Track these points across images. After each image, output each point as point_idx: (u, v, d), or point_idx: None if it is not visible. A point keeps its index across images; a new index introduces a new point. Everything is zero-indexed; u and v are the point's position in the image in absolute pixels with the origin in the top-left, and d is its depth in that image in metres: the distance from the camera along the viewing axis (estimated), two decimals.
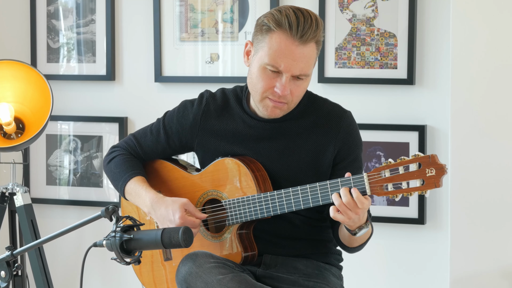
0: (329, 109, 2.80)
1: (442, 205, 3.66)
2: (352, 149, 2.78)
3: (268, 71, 2.66)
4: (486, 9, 3.31)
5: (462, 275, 3.36)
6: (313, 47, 2.66)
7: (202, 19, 3.94)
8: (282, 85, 2.65)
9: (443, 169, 2.47)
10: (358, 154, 2.80)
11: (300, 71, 2.65)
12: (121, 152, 2.93)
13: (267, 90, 2.68)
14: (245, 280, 2.57)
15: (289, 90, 2.66)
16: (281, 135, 2.77)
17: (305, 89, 2.72)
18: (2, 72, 3.75)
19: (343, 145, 2.76)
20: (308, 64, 2.66)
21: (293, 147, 2.76)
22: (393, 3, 3.67)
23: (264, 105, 2.72)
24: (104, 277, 4.20)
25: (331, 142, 2.75)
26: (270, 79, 2.67)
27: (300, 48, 2.63)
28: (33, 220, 3.79)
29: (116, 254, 2.38)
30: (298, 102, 2.76)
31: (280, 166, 2.76)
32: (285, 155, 2.76)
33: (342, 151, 2.76)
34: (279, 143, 2.77)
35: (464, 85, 3.35)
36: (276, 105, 2.69)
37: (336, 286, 2.80)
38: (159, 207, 2.74)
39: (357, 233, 2.63)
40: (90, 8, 4.10)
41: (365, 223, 2.61)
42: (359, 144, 2.81)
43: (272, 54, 2.64)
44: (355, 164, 2.78)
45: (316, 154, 2.75)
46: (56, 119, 4.16)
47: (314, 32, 2.63)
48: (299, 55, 2.63)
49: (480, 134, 3.33)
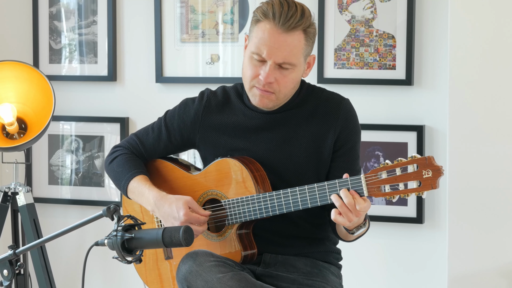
0: (328, 96, 2.81)
1: (440, 205, 3.66)
2: (351, 135, 2.78)
3: (254, 59, 2.69)
4: (484, 10, 3.31)
5: (460, 274, 3.37)
6: (299, 36, 2.66)
7: (203, 20, 3.94)
8: (265, 72, 2.66)
9: (440, 170, 2.47)
10: (356, 142, 2.80)
11: (283, 59, 2.65)
12: (123, 151, 2.93)
13: (254, 79, 2.70)
14: (244, 279, 2.57)
15: (273, 78, 2.67)
16: (281, 125, 2.78)
17: (294, 81, 2.71)
18: (5, 73, 3.75)
19: (342, 131, 2.76)
20: (292, 53, 2.66)
21: (294, 136, 2.77)
22: (391, 4, 3.67)
23: (252, 94, 2.73)
24: (106, 276, 4.20)
25: (331, 128, 2.76)
26: (256, 67, 2.69)
27: (283, 36, 2.64)
28: (35, 219, 3.79)
29: (117, 253, 2.38)
30: (294, 93, 2.77)
31: (281, 156, 2.77)
32: (286, 144, 2.77)
33: (341, 137, 2.76)
34: (279, 133, 2.77)
35: (462, 86, 3.35)
36: (262, 94, 2.70)
37: (335, 285, 2.80)
38: (163, 205, 2.74)
39: (354, 232, 2.64)
40: (91, 9, 4.10)
41: (363, 223, 2.62)
42: (358, 131, 2.81)
43: (257, 42, 2.67)
44: (353, 152, 2.78)
45: (317, 142, 2.76)
46: (58, 119, 4.16)
47: (299, 20, 2.64)
48: (282, 42, 2.64)
49: (477, 134, 3.33)
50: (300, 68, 2.71)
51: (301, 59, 2.69)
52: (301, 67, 2.71)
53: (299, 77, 2.73)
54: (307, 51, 2.71)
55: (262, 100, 2.72)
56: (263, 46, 2.66)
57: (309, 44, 2.70)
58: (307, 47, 2.70)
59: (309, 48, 2.72)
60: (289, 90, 2.73)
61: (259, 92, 2.71)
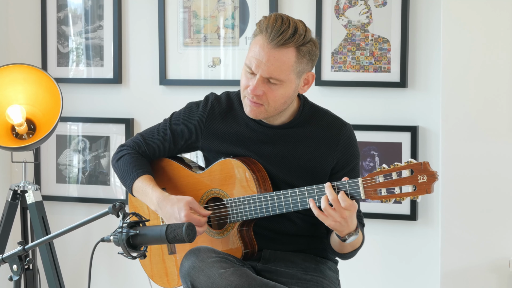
0: (330, 121, 2.77)
1: (433, 202, 3.67)
2: (351, 160, 2.77)
3: (247, 72, 2.67)
4: (475, 15, 3.31)
5: (452, 269, 3.37)
6: (289, 53, 2.61)
7: (205, 25, 3.94)
8: (253, 85, 2.64)
9: (434, 176, 2.46)
10: (355, 164, 2.79)
11: (269, 73, 2.61)
12: (129, 151, 2.93)
13: (245, 89, 2.69)
14: (245, 274, 2.57)
15: (261, 91, 2.64)
16: (282, 141, 2.76)
17: (283, 96, 2.66)
18: (15, 76, 3.75)
19: (341, 157, 2.75)
20: (280, 69, 2.61)
21: (293, 153, 2.75)
22: (386, 10, 3.67)
23: (244, 103, 2.72)
24: (111, 271, 4.20)
25: (330, 153, 2.74)
26: (247, 79, 2.67)
27: (273, 51, 2.60)
28: (43, 217, 3.79)
29: (122, 248, 2.39)
30: (298, 111, 2.74)
31: (280, 170, 2.75)
32: (284, 160, 2.75)
33: (340, 162, 2.75)
34: (280, 148, 2.76)
35: (454, 88, 3.35)
36: (252, 105, 2.68)
37: (332, 279, 2.80)
38: (165, 205, 2.73)
39: (346, 239, 2.62)
40: (98, 14, 4.10)
41: (354, 230, 2.61)
42: (357, 156, 2.79)
43: (249, 55, 2.65)
44: (353, 173, 2.77)
45: (315, 163, 2.74)
46: (66, 120, 4.16)
47: (290, 37, 2.59)
48: (271, 57, 2.60)
49: (469, 134, 3.33)
50: (289, 85, 2.65)
51: (290, 75, 2.63)
52: (291, 83, 2.65)
53: (289, 93, 2.67)
54: (300, 68, 2.65)
55: (252, 110, 2.70)
56: (253, 59, 2.63)
57: (302, 61, 2.63)
58: (300, 65, 2.64)
59: (303, 66, 2.65)
60: (279, 104, 2.68)
61: (249, 102, 2.69)
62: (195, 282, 2.58)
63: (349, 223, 2.55)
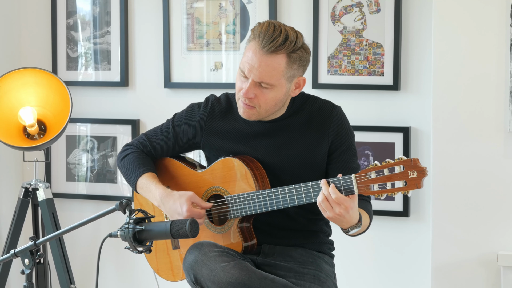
0: (321, 105, 2.79)
1: (425, 199, 3.67)
2: (344, 138, 2.77)
3: (241, 75, 2.68)
4: (465, 21, 3.31)
5: (443, 263, 3.37)
6: (280, 59, 2.62)
7: (207, 30, 3.94)
8: (245, 88, 2.66)
9: (424, 171, 2.46)
10: (350, 143, 2.79)
11: (260, 78, 2.63)
12: (134, 149, 2.94)
13: (239, 92, 2.70)
14: (245, 267, 2.57)
15: (252, 94, 2.65)
16: (278, 132, 2.77)
17: (274, 99, 2.68)
18: (26, 79, 3.76)
19: (335, 137, 2.75)
20: (271, 74, 2.62)
21: (290, 142, 2.76)
22: (380, 16, 3.68)
23: (238, 105, 2.74)
24: (118, 264, 4.21)
25: (325, 135, 2.75)
26: (241, 82, 2.69)
27: (264, 57, 2.62)
28: (54, 213, 3.79)
29: (129, 243, 2.39)
30: (289, 103, 2.75)
31: (278, 160, 2.76)
32: (282, 149, 2.77)
33: (335, 142, 2.76)
34: (276, 139, 2.77)
35: (444, 91, 3.35)
36: (244, 107, 2.70)
37: (328, 273, 2.80)
38: (168, 201, 2.74)
39: (349, 231, 2.63)
40: (105, 20, 4.10)
41: (356, 223, 2.61)
42: (350, 134, 2.79)
43: (243, 60, 2.67)
44: (349, 152, 2.77)
45: (311, 147, 2.75)
46: (75, 121, 4.17)
47: (281, 45, 2.60)
48: (262, 63, 2.62)
49: (459, 134, 3.34)
50: (280, 89, 2.67)
51: (281, 80, 2.65)
52: (282, 87, 2.67)
53: (280, 96, 2.69)
54: (291, 73, 2.66)
55: (244, 111, 2.71)
56: (246, 64, 2.65)
57: (292, 67, 2.65)
58: (290, 70, 2.65)
59: (294, 71, 2.66)
60: (270, 107, 2.70)
61: (242, 104, 2.71)
62: (198, 275, 2.59)
63: (347, 218, 2.55)
